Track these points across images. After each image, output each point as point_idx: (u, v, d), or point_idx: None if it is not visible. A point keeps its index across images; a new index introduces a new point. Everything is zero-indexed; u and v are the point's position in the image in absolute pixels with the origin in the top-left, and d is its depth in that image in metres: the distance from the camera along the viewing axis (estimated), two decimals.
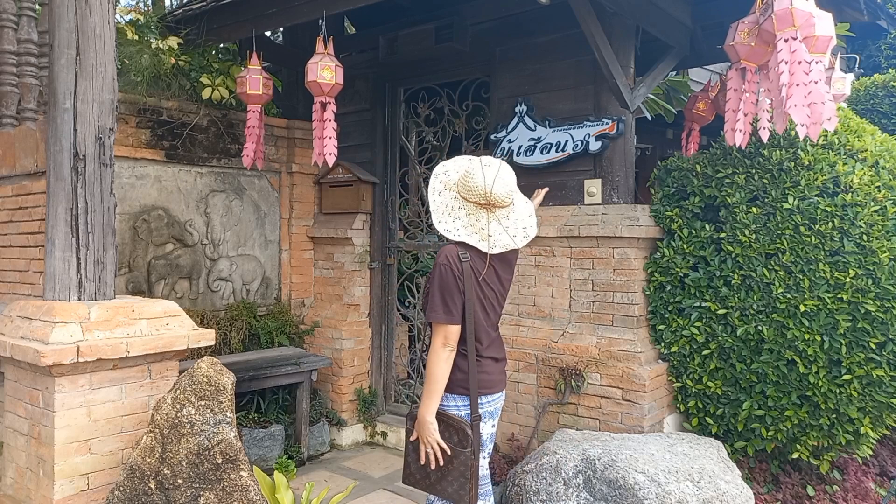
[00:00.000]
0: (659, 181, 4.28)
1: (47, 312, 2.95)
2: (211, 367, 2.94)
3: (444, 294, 2.52)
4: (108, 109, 3.18)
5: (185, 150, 4.77)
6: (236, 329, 4.99)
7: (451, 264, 2.52)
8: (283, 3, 4.26)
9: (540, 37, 4.49)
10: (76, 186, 3.08)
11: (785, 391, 3.65)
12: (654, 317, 4.08)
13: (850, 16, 4.26)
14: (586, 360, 4.05)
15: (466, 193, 2.53)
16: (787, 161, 3.70)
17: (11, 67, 4.03)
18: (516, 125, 4.54)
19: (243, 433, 4.45)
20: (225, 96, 4.80)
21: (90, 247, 3.11)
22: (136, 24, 4.68)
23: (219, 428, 2.84)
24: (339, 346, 5.24)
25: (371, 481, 4.50)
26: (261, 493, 2.87)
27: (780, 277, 3.61)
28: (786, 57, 3.13)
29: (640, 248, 4.07)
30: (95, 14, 3.12)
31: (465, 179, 2.54)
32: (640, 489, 3.09)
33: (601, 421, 3.98)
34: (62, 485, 2.88)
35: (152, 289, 4.61)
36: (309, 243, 5.58)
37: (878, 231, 3.44)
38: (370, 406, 5.34)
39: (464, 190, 2.54)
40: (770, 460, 4.03)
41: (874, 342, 3.42)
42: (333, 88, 4.09)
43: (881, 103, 6.91)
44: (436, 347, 2.54)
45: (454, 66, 4.98)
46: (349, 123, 5.50)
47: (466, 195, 2.53)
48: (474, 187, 2.51)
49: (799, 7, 3.09)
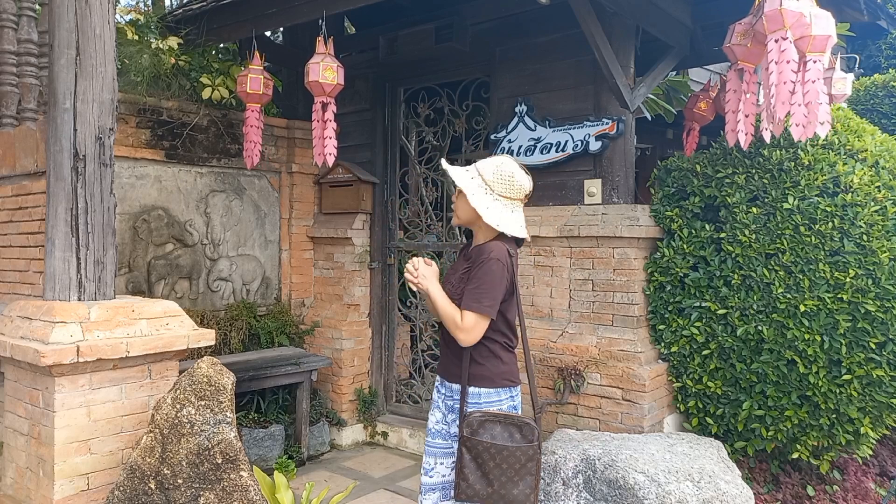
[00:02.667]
0: (659, 181, 4.28)
1: (47, 312, 2.95)
2: (211, 367, 2.94)
3: (492, 289, 2.52)
4: (108, 109, 3.18)
5: (185, 150, 4.77)
6: (236, 329, 4.99)
7: (504, 262, 2.55)
8: (283, 3, 4.26)
9: (540, 37, 4.49)
10: (76, 186, 3.08)
11: (785, 391, 3.65)
12: (654, 317, 4.08)
13: (850, 16, 4.25)
14: (586, 360, 4.05)
15: (512, 192, 2.60)
16: (787, 161, 3.70)
17: (11, 67, 4.03)
18: (516, 125, 4.54)
19: (243, 433, 4.45)
20: (225, 96, 4.79)
21: (90, 247, 3.11)
22: (136, 24, 4.68)
23: (219, 428, 2.84)
24: (339, 346, 5.24)
25: (371, 481, 4.50)
26: (261, 493, 2.87)
27: (780, 277, 3.61)
28: (775, 57, 3.14)
29: (640, 248, 4.07)
30: (95, 14, 3.12)
31: (510, 179, 2.59)
32: (640, 489, 3.09)
33: (601, 421, 3.98)
34: (62, 485, 2.88)
35: (152, 289, 4.61)
36: (309, 243, 5.58)
37: (878, 231, 3.44)
38: (370, 406, 5.34)
39: (508, 189, 2.60)
40: (770, 460, 4.03)
41: (874, 342, 3.42)
42: (335, 89, 4.09)
43: (881, 103, 6.91)
44: (461, 326, 2.50)
45: (454, 66, 4.98)
46: (349, 123, 5.50)
47: (511, 194, 2.60)
48: (520, 186, 2.61)
49: (788, 8, 3.09)
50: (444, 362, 2.71)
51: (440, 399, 2.72)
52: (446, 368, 2.68)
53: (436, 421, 2.72)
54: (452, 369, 2.62)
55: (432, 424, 2.73)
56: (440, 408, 2.71)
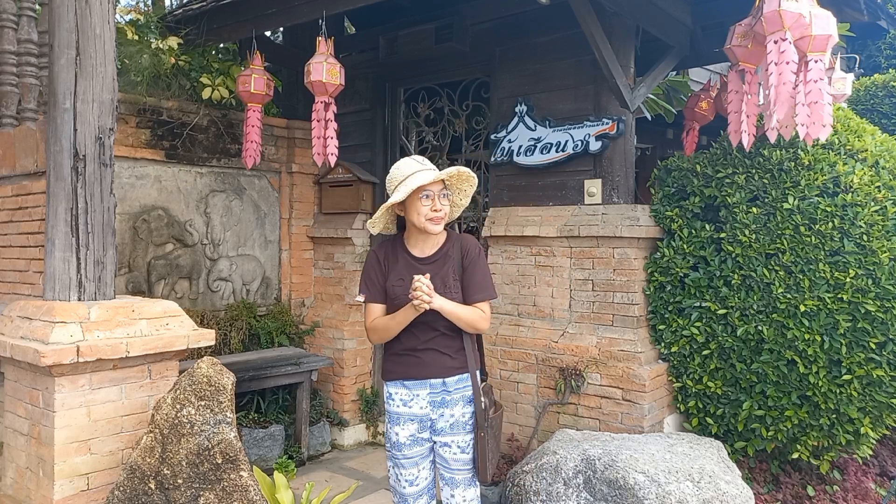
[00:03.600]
0: (659, 181, 4.28)
1: (47, 312, 2.94)
2: (211, 367, 2.94)
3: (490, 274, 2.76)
4: (108, 109, 3.18)
5: (185, 150, 4.76)
6: (236, 329, 4.98)
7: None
8: (283, 3, 4.26)
9: (540, 37, 4.49)
10: (76, 186, 3.08)
11: (785, 391, 3.65)
12: (654, 317, 4.08)
13: (850, 16, 4.25)
14: (586, 360, 4.04)
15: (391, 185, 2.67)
16: (788, 161, 3.70)
17: (11, 67, 4.03)
18: (516, 125, 4.54)
19: (243, 433, 4.45)
20: (225, 96, 4.79)
21: (90, 247, 3.11)
22: (136, 24, 4.68)
23: (219, 428, 2.84)
24: (341, 346, 5.23)
25: (373, 481, 4.50)
26: (261, 493, 2.87)
27: (780, 277, 3.61)
28: (774, 58, 3.14)
29: (641, 248, 4.07)
30: (95, 14, 3.12)
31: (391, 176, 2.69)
32: (640, 489, 3.08)
33: (601, 421, 3.98)
34: (62, 485, 2.88)
35: (152, 289, 4.61)
36: (309, 243, 5.58)
37: (878, 231, 3.44)
38: (373, 406, 5.34)
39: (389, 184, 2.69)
40: (770, 460, 4.03)
41: (874, 342, 3.42)
42: (337, 89, 4.10)
43: (881, 103, 6.92)
44: (487, 316, 2.67)
45: (454, 66, 4.98)
46: (349, 123, 5.50)
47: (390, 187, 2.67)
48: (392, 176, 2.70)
49: (787, 9, 3.09)
50: (429, 361, 2.64)
51: (416, 404, 2.66)
52: (438, 365, 2.64)
53: (409, 435, 2.66)
54: (448, 363, 2.64)
55: (404, 438, 2.66)
56: (413, 418, 2.66)
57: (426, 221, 2.57)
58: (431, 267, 2.63)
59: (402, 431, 2.67)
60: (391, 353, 2.72)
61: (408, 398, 2.67)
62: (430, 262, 2.66)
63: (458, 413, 2.65)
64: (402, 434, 2.67)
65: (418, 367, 2.65)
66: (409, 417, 2.66)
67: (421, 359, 2.64)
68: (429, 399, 2.65)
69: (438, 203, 2.57)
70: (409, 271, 2.61)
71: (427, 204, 2.56)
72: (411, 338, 2.63)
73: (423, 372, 2.65)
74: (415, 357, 2.65)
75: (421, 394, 2.65)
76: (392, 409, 2.70)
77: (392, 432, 2.69)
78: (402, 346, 2.66)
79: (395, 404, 2.69)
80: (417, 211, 2.57)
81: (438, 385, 2.65)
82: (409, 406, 2.67)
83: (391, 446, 2.70)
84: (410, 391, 2.66)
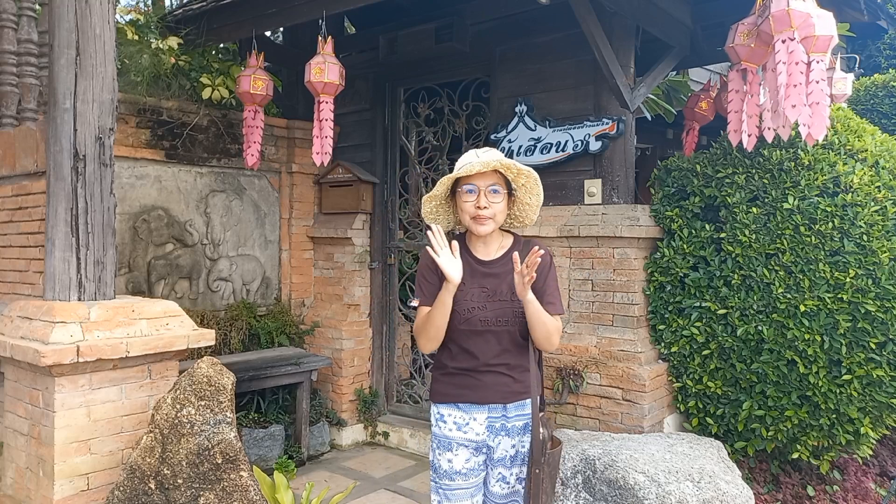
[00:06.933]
0: (659, 181, 4.27)
1: (47, 312, 2.95)
2: (211, 367, 2.94)
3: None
4: (108, 109, 3.18)
5: (185, 150, 4.76)
6: (236, 329, 4.98)
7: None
8: (283, 3, 4.26)
9: (540, 37, 4.49)
10: (76, 186, 3.08)
11: (785, 391, 3.65)
12: (654, 317, 4.08)
13: (850, 16, 4.25)
14: (585, 360, 4.04)
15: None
16: (788, 161, 3.70)
17: (11, 67, 4.03)
18: (516, 125, 4.54)
19: (243, 433, 4.45)
20: (225, 96, 4.79)
21: (90, 247, 3.11)
22: (136, 24, 4.68)
23: (219, 428, 2.84)
24: (340, 346, 5.23)
25: (372, 481, 4.50)
26: (261, 493, 2.87)
27: (780, 277, 3.61)
28: (783, 58, 3.12)
29: (640, 248, 4.07)
30: (95, 14, 3.12)
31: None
32: (640, 489, 3.08)
33: (601, 421, 3.98)
34: (62, 485, 2.88)
35: (152, 289, 4.61)
36: (309, 243, 5.58)
37: (878, 231, 3.44)
38: (371, 406, 5.34)
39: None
40: (770, 460, 4.03)
41: (874, 342, 3.42)
42: (336, 89, 4.10)
43: (881, 103, 6.92)
44: (560, 330, 2.33)
45: (454, 66, 4.98)
46: (349, 123, 5.50)
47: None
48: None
49: (796, 8, 3.08)
50: (490, 383, 2.33)
51: (472, 429, 2.35)
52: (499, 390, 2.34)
53: (465, 460, 2.34)
54: (512, 386, 2.34)
55: (460, 465, 2.34)
56: (468, 444, 2.35)
57: (470, 220, 2.28)
58: (496, 270, 2.34)
59: (456, 459, 2.33)
60: (443, 371, 2.39)
61: (462, 422, 2.35)
62: (496, 265, 2.35)
63: (518, 442, 2.37)
64: (456, 462, 2.33)
65: (476, 391, 2.34)
66: (462, 443, 2.34)
67: (480, 381, 2.33)
68: (487, 424, 2.36)
69: (485, 200, 2.24)
70: (472, 274, 2.31)
71: (470, 200, 2.25)
72: (467, 357, 2.33)
73: (481, 396, 2.34)
74: (473, 378, 2.33)
75: (479, 417, 2.35)
76: (443, 432, 2.36)
77: (443, 459, 2.35)
78: (458, 365, 2.34)
79: (446, 427, 2.36)
80: (461, 207, 2.29)
81: (498, 409, 2.35)
82: (463, 431, 2.35)
83: (441, 476, 2.35)
84: (466, 414, 2.35)
